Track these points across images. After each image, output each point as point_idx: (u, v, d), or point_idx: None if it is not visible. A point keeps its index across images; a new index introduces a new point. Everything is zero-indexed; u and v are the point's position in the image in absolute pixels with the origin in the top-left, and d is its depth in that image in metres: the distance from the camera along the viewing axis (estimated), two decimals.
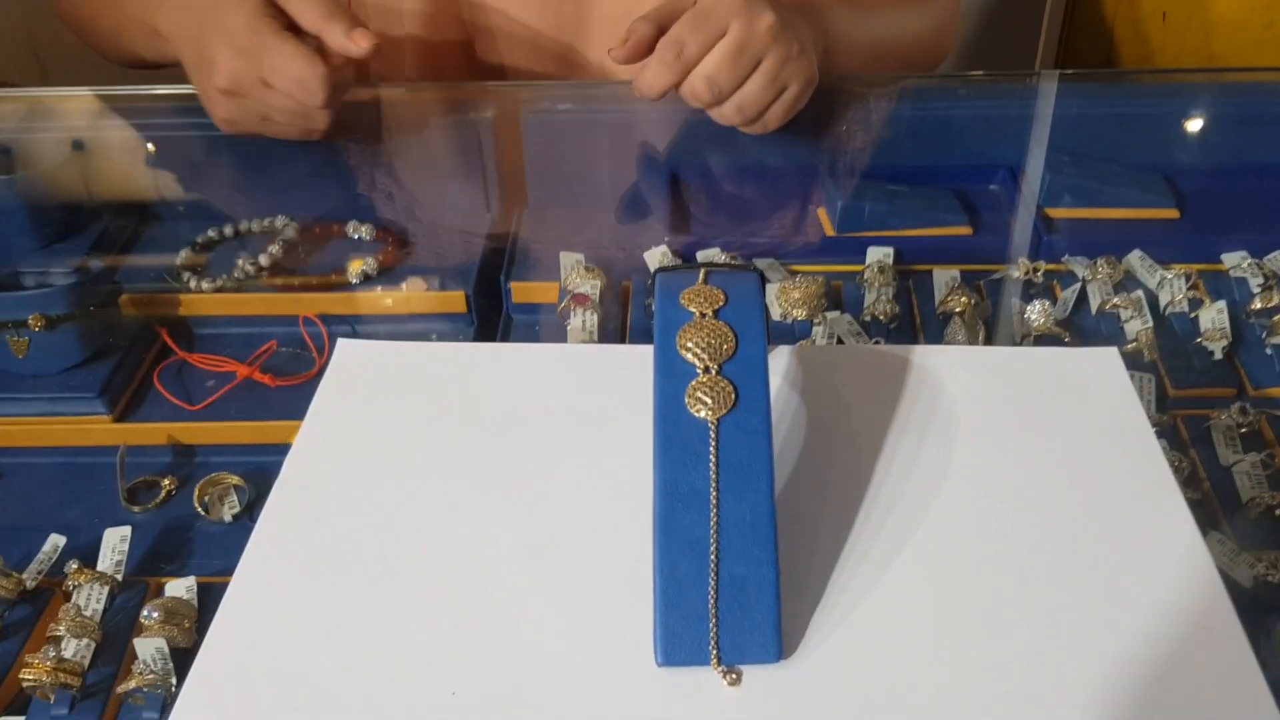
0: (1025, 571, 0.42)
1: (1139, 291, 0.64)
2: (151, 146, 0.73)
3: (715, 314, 0.43)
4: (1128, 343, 0.62)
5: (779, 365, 0.51)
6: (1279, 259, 0.66)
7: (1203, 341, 0.61)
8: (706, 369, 0.42)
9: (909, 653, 0.39)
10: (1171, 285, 0.64)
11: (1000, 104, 0.72)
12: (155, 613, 0.50)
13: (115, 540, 0.55)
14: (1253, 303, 0.63)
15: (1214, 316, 0.62)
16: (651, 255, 0.66)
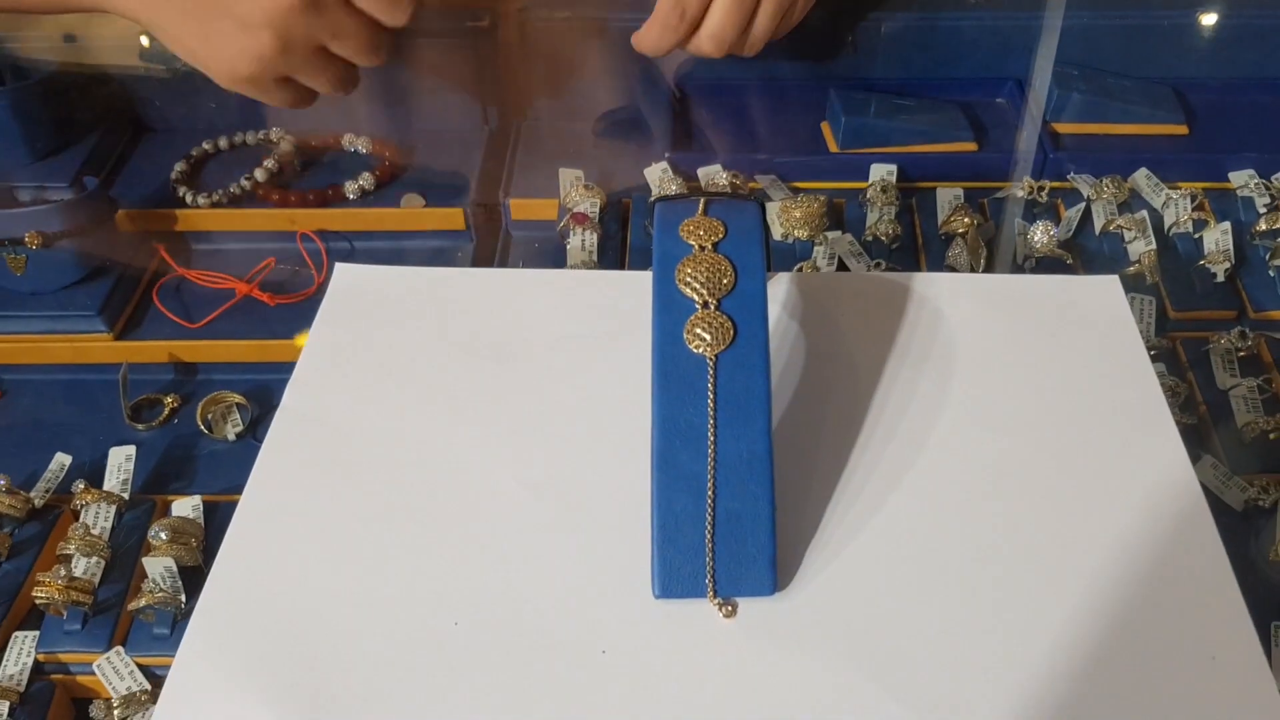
0: (1017, 504, 0.42)
1: (1143, 212, 0.63)
2: (146, 41, 0.71)
3: (714, 247, 0.43)
4: (1130, 263, 0.62)
5: (778, 293, 0.50)
6: None
7: (1205, 264, 0.61)
8: (705, 304, 0.42)
9: (901, 586, 0.40)
10: (1176, 205, 0.63)
11: (1007, 14, 0.70)
12: (163, 532, 0.50)
13: (120, 459, 0.55)
14: (1258, 224, 0.62)
15: (1218, 238, 0.61)
16: (652, 172, 0.66)
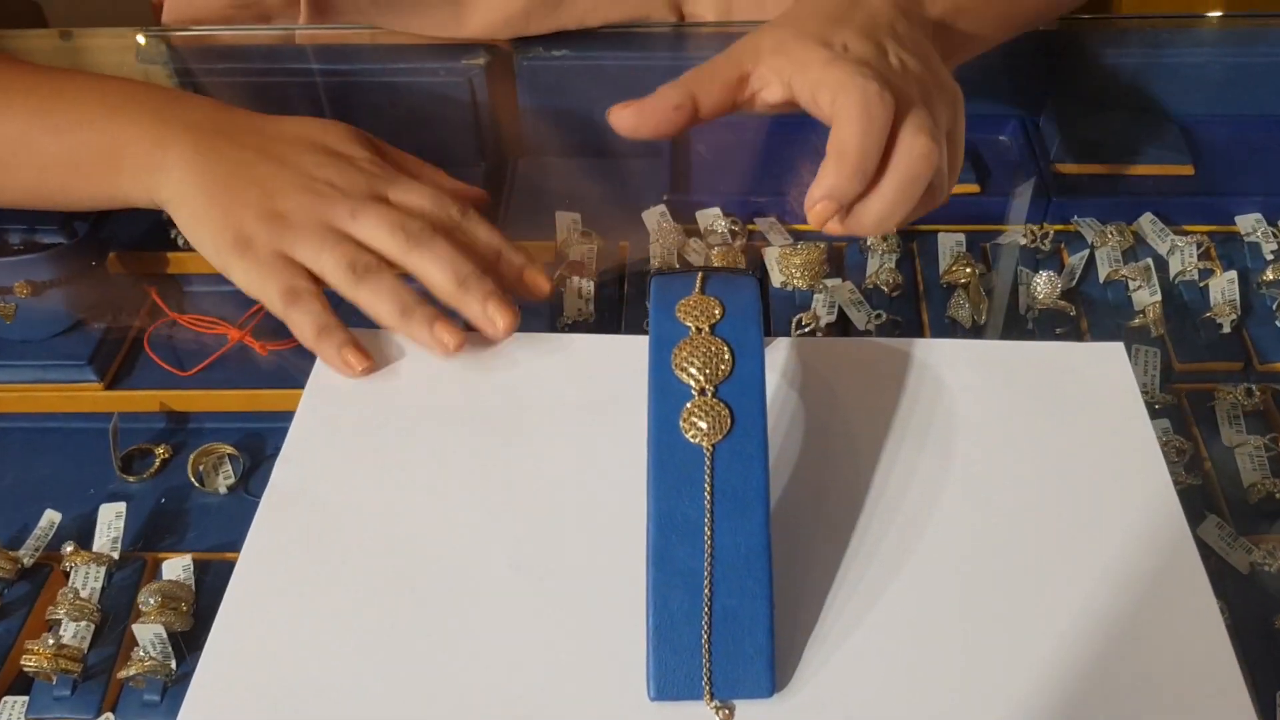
0: (1019, 594, 0.42)
1: (1148, 260, 0.63)
2: None
3: (711, 329, 0.42)
4: (1135, 313, 0.61)
5: (776, 360, 0.50)
6: None
7: (1212, 316, 0.60)
8: (702, 390, 0.41)
9: (902, 683, 0.39)
10: (1182, 253, 0.62)
11: (1010, 52, 0.69)
12: (152, 598, 0.50)
13: (110, 517, 0.54)
14: (1264, 272, 0.62)
15: (1224, 287, 0.60)
16: (650, 215, 0.65)
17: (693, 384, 0.41)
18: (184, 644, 0.49)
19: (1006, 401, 0.48)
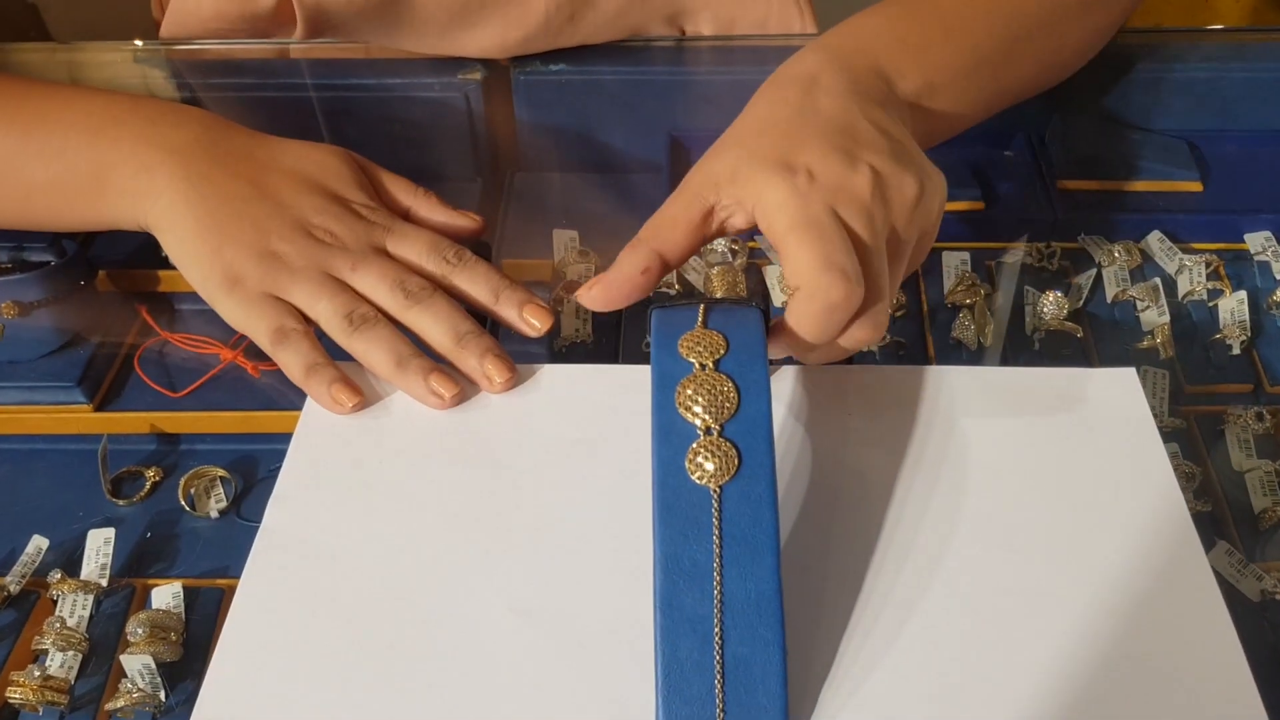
0: (1041, 636, 0.41)
1: (1156, 280, 0.62)
2: None
3: (715, 365, 0.41)
4: (1144, 333, 0.60)
5: (781, 390, 0.49)
6: None
7: (1221, 337, 0.59)
8: (708, 430, 0.40)
9: None
10: (1190, 273, 0.62)
11: None
12: (140, 629, 0.49)
13: (99, 543, 0.54)
14: (1275, 293, 0.61)
15: (1234, 308, 0.59)
16: None
17: (698, 423, 0.40)
18: (173, 675, 0.48)
19: (1018, 431, 0.47)
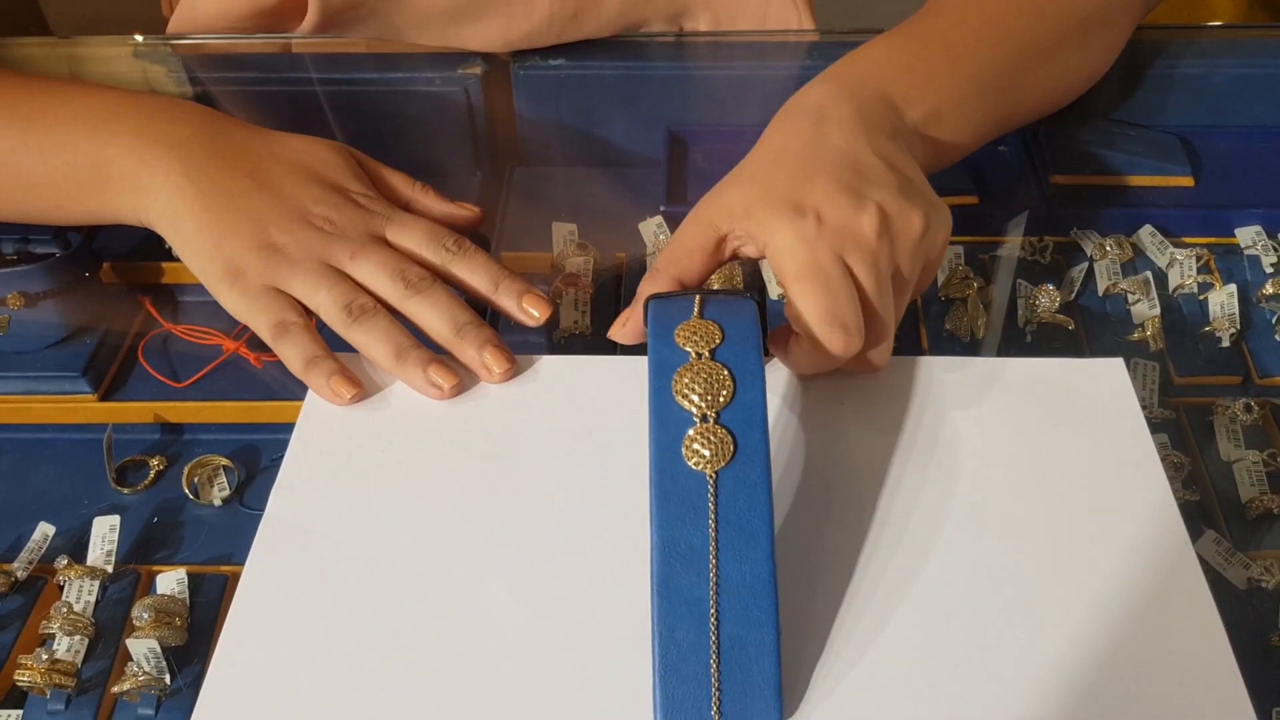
0: (1027, 619, 0.42)
1: (1147, 273, 0.63)
2: None
3: (712, 354, 0.42)
4: (1134, 326, 0.61)
5: (776, 382, 0.50)
6: None
7: (1211, 330, 0.60)
8: (704, 417, 0.41)
9: (911, 710, 0.39)
10: (1181, 266, 0.62)
11: None
12: (146, 613, 0.50)
13: (104, 530, 0.54)
14: (1265, 286, 0.62)
15: (1223, 301, 0.60)
16: (647, 226, 0.65)
17: (694, 411, 0.41)
18: (178, 658, 0.49)
19: (1008, 419, 0.48)
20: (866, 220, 0.47)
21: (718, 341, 0.42)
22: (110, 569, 0.53)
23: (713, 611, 0.38)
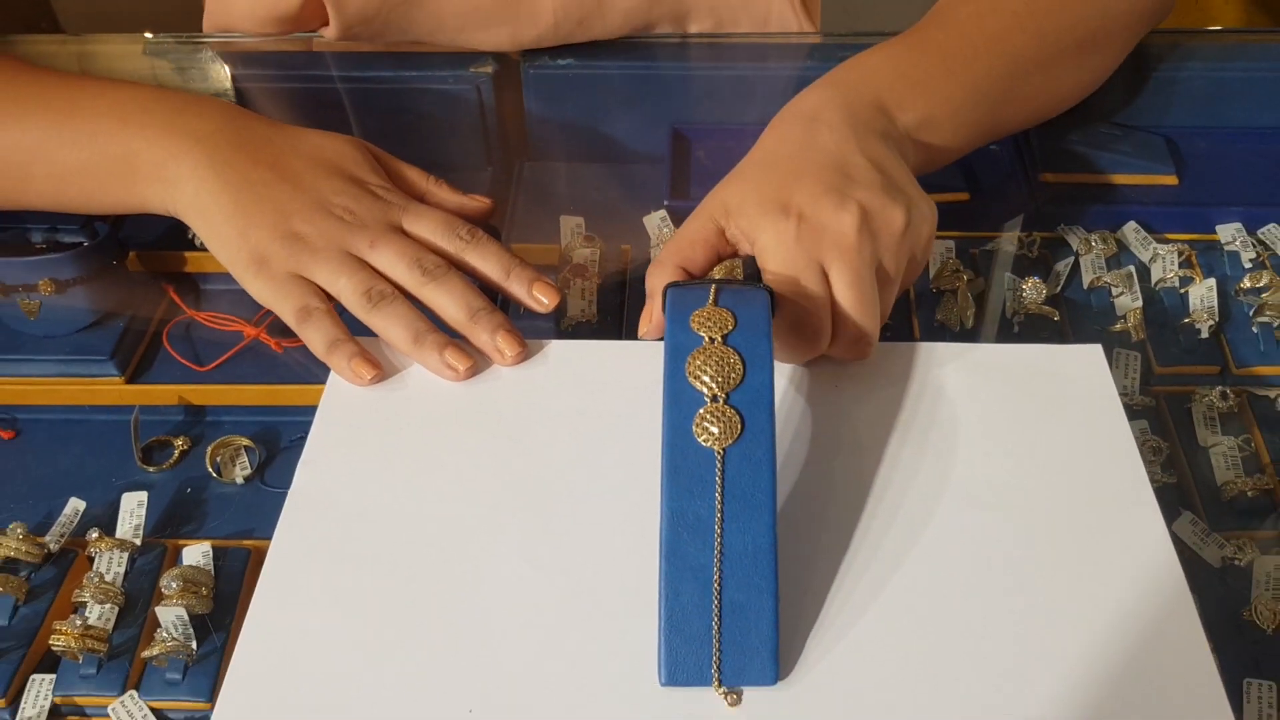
0: (1008, 584, 0.44)
1: (1130, 267, 0.65)
2: None
3: (724, 339, 0.45)
4: (1117, 317, 0.63)
5: (782, 367, 0.52)
6: (1271, 233, 0.67)
7: (1190, 321, 0.62)
8: (714, 397, 0.43)
9: (899, 671, 0.42)
10: (1163, 261, 0.65)
11: None
12: (174, 582, 0.52)
13: (133, 505, 0.57)
14: (1242, 280, 0.64)
15: (1203, 294, 0.63)
16: (651, 220, 0.67)
17: (705, 391, 0.44)
18: (203, 626, 0.51)
19: (993, 401, 0.51)
20: (847, 219, 0.50)
21: (730, 328, 0.45)
22: (139, 542, 0.55)
23: (716, 577, 0.41)
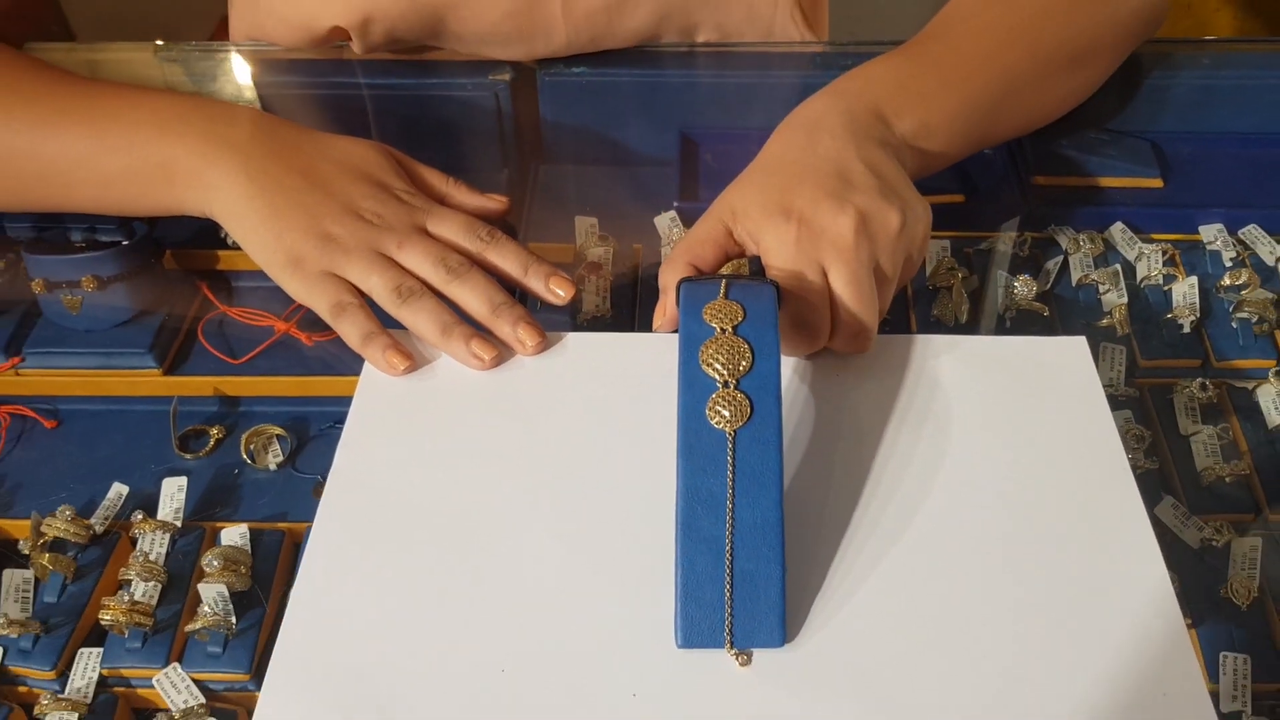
0: (997, 558, 0.48)
1: (1116, 266, 0.68)
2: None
3: (734, 330, 0.48)
4: (1104, 314, 0.66)
5: (789, 356, 0.56)
6: (1251, 233, 0.70)
7: (1173, 316, 0.66)
8: (726, 383, 0.47)
9: (896, 636, 0.45)
10: (1148, 260, 0.68)
11: None
12: (215, 561, 0.55)
13: (173, 490, 0.60)
14: (1223, 278, 0.67)
15: (1185, 291, 0.66)
16: (661, 220, 0.70)
17: (717, 378, 0.47)
18: (242, 603, 0.54)
19: (984, 389, 0.54)
20: (845, 221, 0.54)
21: (740, 319, 0.48)
22: (179, 524, 0.59)
23: (728, 549, 0.44)
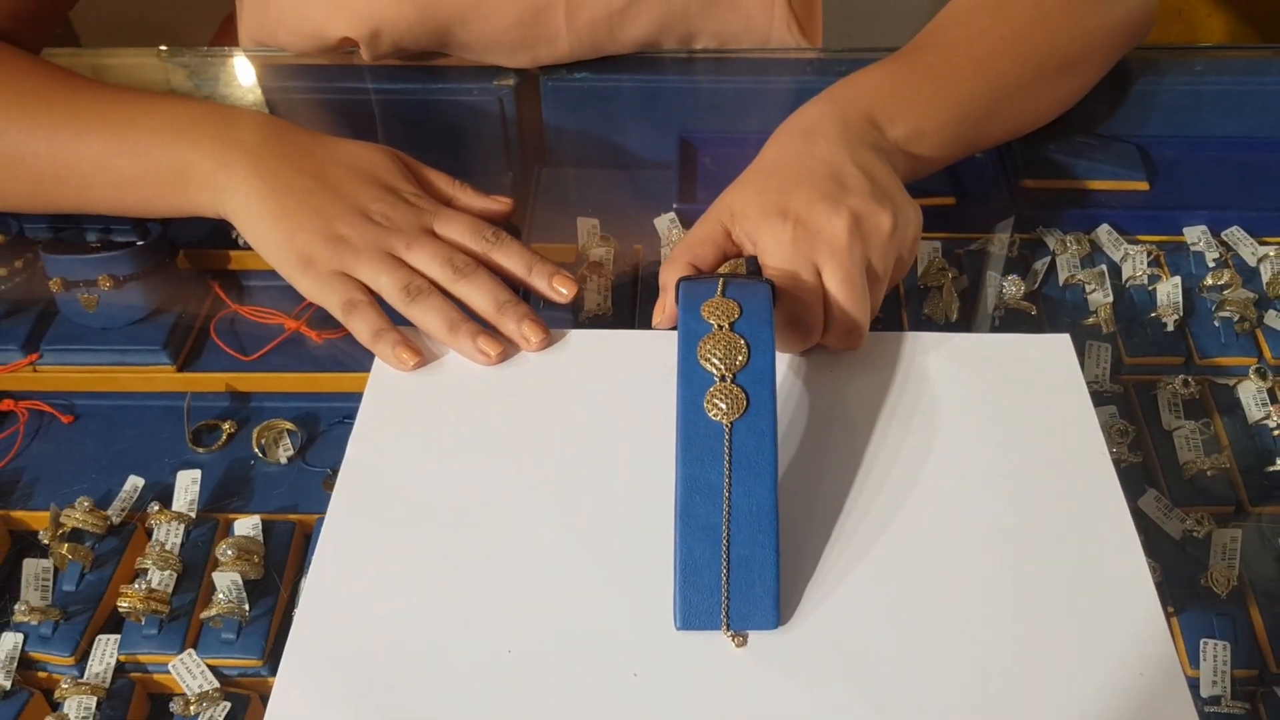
0: (982, 545, 0.50)
1: (1102, 266, 0.70)
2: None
3: (731, 326, 0.50)
4: (1091, 313, 0.68)
5: (779, 353, 0.57)
6: (1234, 235, 0.72)
7: (1157, 315, 0.68)
8: (723, 377, 0.49)
9: (886, 618, 0.47)
10: (1133, 260, 0.70)
11: None
12: (229, 550, 0.57)
13: (187, 482, 0.61)
14: (1206, 278, 0.69)
15: (1169, 291, 0.68)
16: (661, 221, 0.72)
17: (715, 372, 0.49)
18: (255, 591, 0.56)
19: (972, 384, 0.56)
20: (839, 222, 0.56)
21: (736, 316, 0.50)
22: (193, 515, 0.60)
23: (725, 535, 0.46)
